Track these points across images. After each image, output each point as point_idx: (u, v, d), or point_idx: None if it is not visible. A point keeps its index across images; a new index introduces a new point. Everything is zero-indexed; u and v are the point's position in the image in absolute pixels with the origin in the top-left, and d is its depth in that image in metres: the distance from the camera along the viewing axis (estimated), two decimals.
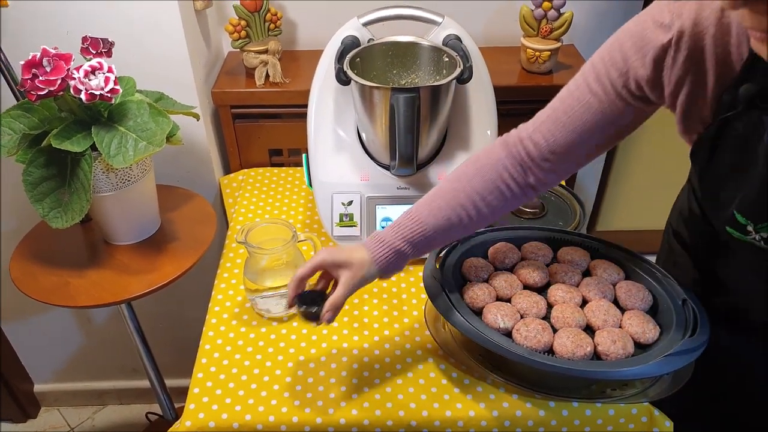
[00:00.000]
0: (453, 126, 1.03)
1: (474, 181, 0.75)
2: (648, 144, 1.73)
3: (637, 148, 1.74)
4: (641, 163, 1.77)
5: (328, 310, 0.73)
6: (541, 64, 1.25)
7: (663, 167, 1.78)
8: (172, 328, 1.54)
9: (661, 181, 1.81)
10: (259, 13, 1.19)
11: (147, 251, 1.03)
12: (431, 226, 0.75)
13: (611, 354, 0.75)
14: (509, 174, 0.75)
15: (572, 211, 1.10)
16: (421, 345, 0.90)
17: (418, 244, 0.75)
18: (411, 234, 0.75)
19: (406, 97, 0.86)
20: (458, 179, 0.76)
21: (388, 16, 1.00)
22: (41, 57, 0.82)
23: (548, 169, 0.74)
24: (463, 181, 0.75)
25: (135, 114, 0.91)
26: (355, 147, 1.02)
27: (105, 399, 1.73)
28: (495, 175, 0.75)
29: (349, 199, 1.01)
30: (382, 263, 0.75)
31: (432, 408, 0.81)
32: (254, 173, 1.26)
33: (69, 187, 0.90)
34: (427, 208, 0.75)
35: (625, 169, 1.78)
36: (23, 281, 0.97)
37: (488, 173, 0.75)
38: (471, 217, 0.75)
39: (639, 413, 0.81)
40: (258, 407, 0.81)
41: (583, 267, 0.90)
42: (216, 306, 0.97)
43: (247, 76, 1.25)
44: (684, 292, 0.82)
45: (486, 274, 0.88)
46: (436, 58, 1.00)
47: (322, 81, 1.02)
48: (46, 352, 1.60)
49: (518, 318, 0.80)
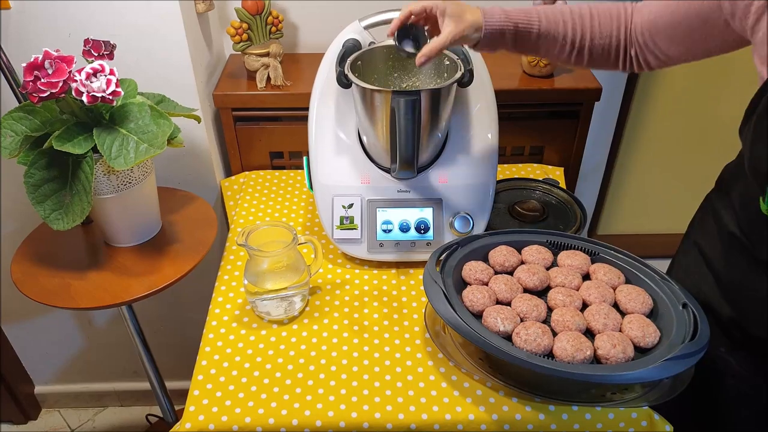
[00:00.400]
0: (454, 129, 1.03)
1: (593, 22, 0.80)
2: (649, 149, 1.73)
3: (638, 152, 1.74)
4: (642, 167, 1.77)
5: (424, 55, 0.78)
6: (542, 67, 1.25)
7: (664, 172, 1.78)
8: (172, 331, 1.54)
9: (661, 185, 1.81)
10: (261, 15, 1.20)
11: (148, 253, 1.03)
12: (543, 27, 0.79)
13: (611, 358, 0.75)
14: (616, 36, 0.80)
15: (573, 215, 1.11)
16: (420, 348, 0.90)
17: (522, 38, 0.81)
18: (523, 25, 0.80)
19: (407, 101, 0.86)
20: (580, 14, 0.80)
21: (389, 19, 1.00)
22: (43, 59, 0.83)
23: (644, 46, 0.78)
24: (586, 18, 0.80)
25: (136, 116, 0.91)
26: (356, 150, 1.02)
27: (105, 401, 1.73)
28: (608, 29, 0.80)
29: (349, 202, 1.01)
30: (488, 35, 0.80)
31: (431, 411, 0.81)
32: (255, 176, 1.27)
33: (70, 189, 0.90)
34: (545, 14, 0.80)
35: (626, 174, 1.78)
36: (24, 283, 0.98)
37: (604, 22, 0.80)
38: (574, 47, 0.80)
39: (639, 417, 0.81)
40: (258, 409, 0.81)
41: (583, 270, 0.90)
42: (216, 308, 0.97)
43: (249, 78, 1.25)
44: (684, 296, 0.82)
45: (486, 277, 0.88)
46: (437, 61, 1.00)
47: (324, 84, 1.02)
48: (46, 353, 1.60)
49: (518, 321, 0.80)
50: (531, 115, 1.30)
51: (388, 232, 1.01)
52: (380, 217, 1.01)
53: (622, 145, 1.71)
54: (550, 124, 1.30)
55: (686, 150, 1.74)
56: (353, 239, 1.01)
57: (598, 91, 1.24)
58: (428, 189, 1.02)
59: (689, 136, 1.71)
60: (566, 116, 1.29)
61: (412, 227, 1.01)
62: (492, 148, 1.03)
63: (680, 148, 1.73)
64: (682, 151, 1.74)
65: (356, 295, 0.99)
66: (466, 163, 1.02)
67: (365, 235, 1.01)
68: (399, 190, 1.02)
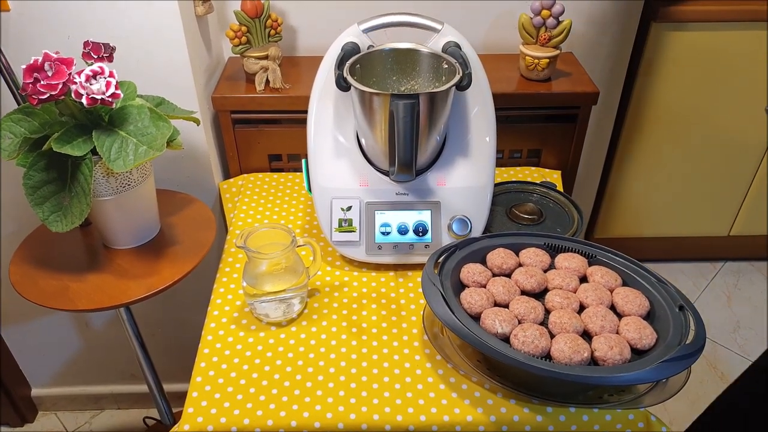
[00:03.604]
0: (452, 132, 1.03)
1: None
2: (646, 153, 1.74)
3: (635, 156, 1.75)
4: (639, 172, 1.78)
5: None
6: (540, 71, 1.26)
7: (660, 176, 1.79)
8: (170, 333, 1.54)
9: (658, 189, 1.82)
10: (260, 19, 1.20)
11: (146, 255, 1.04)
12: None
13: (608, 359, 0.76)
14: None
15: (570, 218, 1.11)
16: (419, 350, 0.90)
17: None
18: None
19: (405, 104, 0.86)
20: None
21: (388, 23, 1.01)
22: (43, 61, 0.83)
23: None
24: None
25: (136, 118, 0.91)
26: (355, 153, 1.03)
27: (102, 403, 1.73)
28: None
29: (348, 205, 1.02)
30: None
31: (430, 413, 0.81)
32: (254, 178, 1.27)
33: (69, 191, 0.90)
34: None
35: (623, 178, 1.79)
36: (23, 285, 0.98)
37: None
38: None
39: (636, 419, 0.81)
40: (256, 411, 0.82)
41: (580, 273, 0.91)
42: (215, 310, 0.97)
43: (248, 81, 1.26)
44: (680, 298, 0.83)
45: (484, 279, 0.88)
46: (435, 64, 1.00)
47: (322, 87, 1.02)
48: (43, 356, 1.59)
49: (516, 323, 0.81)
50: (529, 118, 1.30)
51: (386, 235, 1.01)
52: (378, 220, 1.02)
53: (619, 149, 1.72)
54: (547, 128, 1.30)
55: (682, 154, 1.75)
56: (352, 242, 1.02)
57: (595, 95, 1.25)
58: (426, 192, 1.02)
59: (685, 141, 1.72)
60: (564, 120, 1.29)
61: (411, 230, 1.01)
62: (490, 152, 1.03)
63: (677, 153, 1.74)
64: (679, 156, 1.75)
65: (354, 298, 0.99)
66: (464, 166, 1.03)
67: (364, 238, 1.02)
68: (397, 193, 1.02)
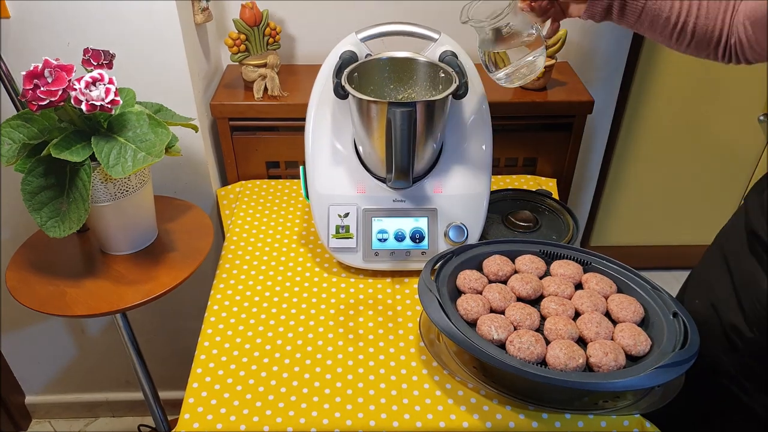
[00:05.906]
0: (449, 140, 1.04)
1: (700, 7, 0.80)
2: (641, 161, 1.75)
3: (630, 165, 1.76)
4: (635, 179, 1.79)
5: None
6: (536, 81, 1.27)
7: (656, 184, 1.80)
8: (166, 340, 1.53)
9: (653, 198, 1.83)
10: (259, 27, 1.21)
11: (143, 261, 1.04)
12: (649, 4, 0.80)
13: (603, 366, 0.76)
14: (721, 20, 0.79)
15: (565, 226, 1.12)
16: (415, 356, 0.91)
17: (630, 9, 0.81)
18: None
19: (402, 112, 0.87)
20: None
21: (385, 32, 1.02)
22: (43, 68, 0.83)
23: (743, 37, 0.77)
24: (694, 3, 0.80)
25: (134, 125, 0.92)
26: (352, 160, 1.04)
27: (97, 411, 1.72)
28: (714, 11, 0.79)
29: (345, 211, 1.02)
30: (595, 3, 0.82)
31: (426, 419, 0.81)
32: (251, 185, 1.27)
33: (67, 196, 0.90)
34: None
35: (618, 186, 1.80)
36: (19, 290, 0.98)
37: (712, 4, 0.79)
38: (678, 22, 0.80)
39: (630, 425, 0.81)
40: (253, 417, 0.82)
41: (575, 280, 0.91)
42: (212, 316, 0.97)
43: (246, 89, 1.27)
44: (675, 305, 0.83)
45: (480, 286, 0.89)
46: (432, 73, 1.01)
47: (320, 95, 1.03)
48: (38, 363, 1.59)
49: (512, 330, 0.81)
50: (524, 127, 1.31)
51: (383, 242, 1.02)
52: (376, 227, 1.02)
53: (614, 158, 1.74)
54: (543, 137, 1.31)
55: (677, 163, 1.76)
56: (349, 248, 1.02)
57: (590, 104, 1.26)
58: (423, 199, 1.03)
59: (680, 149, 1.73)
60: (559, 129, 1.31)
61: (408, 236, 1.02)
62: (486, 159, 1.04)
63: (671, 161, 1.75)
64: (674, 164, 1.76)
65: (351, 304, 1.00)
66: (461, 174, 1.03)
67: (361, 244, 1.02)
68: (394, 200, 1.03)
